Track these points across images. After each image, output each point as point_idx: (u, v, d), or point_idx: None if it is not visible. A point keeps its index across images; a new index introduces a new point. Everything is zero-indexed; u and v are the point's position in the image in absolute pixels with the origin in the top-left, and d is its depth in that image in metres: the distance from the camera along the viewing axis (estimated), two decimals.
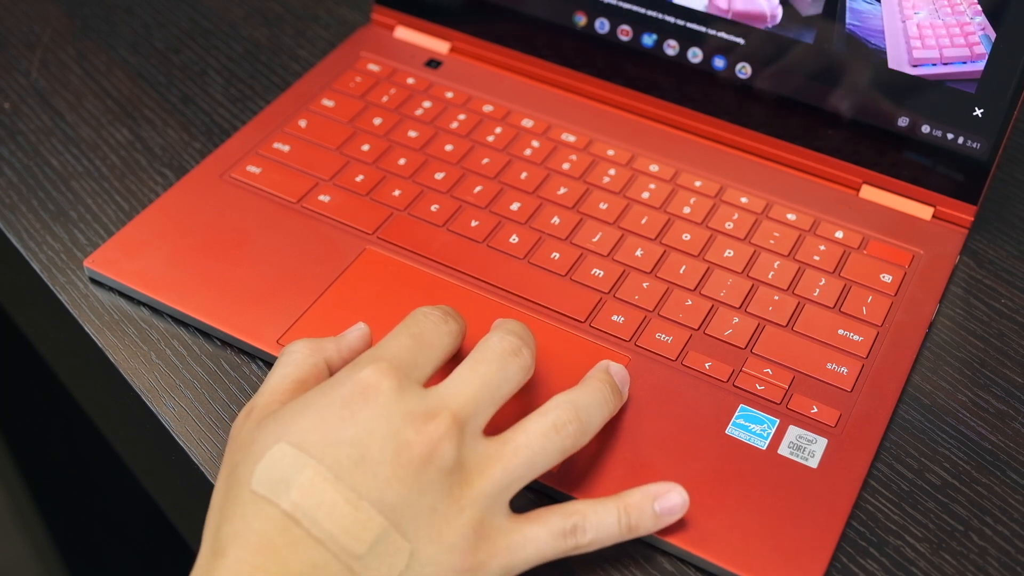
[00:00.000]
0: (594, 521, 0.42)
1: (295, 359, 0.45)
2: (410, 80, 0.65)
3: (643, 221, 0.57)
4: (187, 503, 0.43)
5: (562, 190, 0.58)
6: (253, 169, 0.59)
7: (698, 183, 0.59)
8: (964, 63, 0.54)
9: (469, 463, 0.40)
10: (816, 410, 0.48)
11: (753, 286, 0.54)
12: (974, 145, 0.55)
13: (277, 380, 0.44)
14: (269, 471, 0.39)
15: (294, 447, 0.39)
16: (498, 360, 0.42)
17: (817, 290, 0.53)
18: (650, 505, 0.43)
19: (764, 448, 0.47)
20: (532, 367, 0.44)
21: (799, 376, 0.50)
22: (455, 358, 0.46)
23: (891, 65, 0.55)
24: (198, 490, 0.48)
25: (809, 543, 0.44)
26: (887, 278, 0.54)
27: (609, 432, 0.47)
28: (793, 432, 0.47)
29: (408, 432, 0.39)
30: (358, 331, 0.47)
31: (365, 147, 0.60)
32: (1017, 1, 0.51)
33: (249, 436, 0.41)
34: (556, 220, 0.57)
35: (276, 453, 0.39)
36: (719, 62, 0.60)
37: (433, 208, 0.57)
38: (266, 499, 0.38)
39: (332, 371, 0.45)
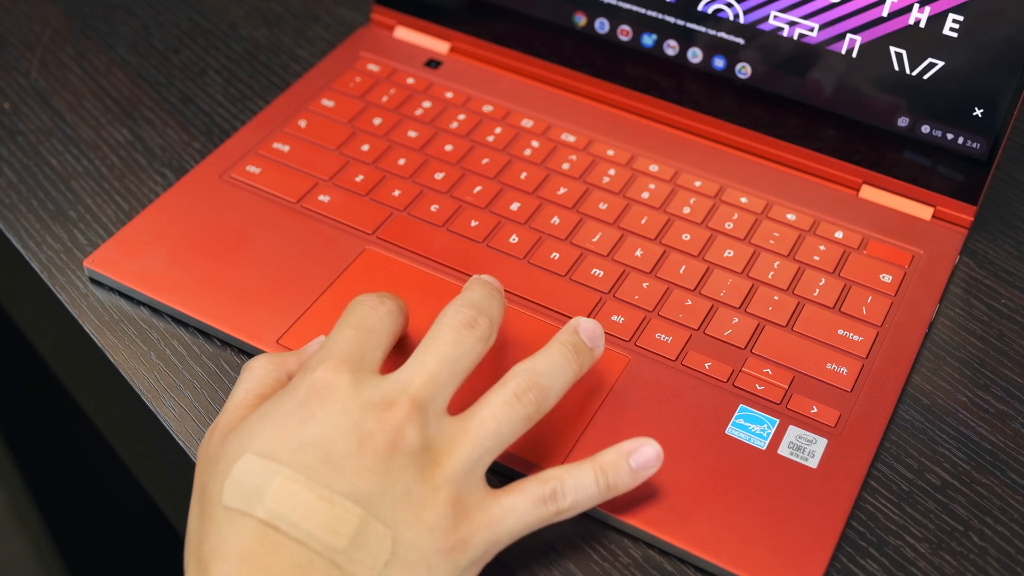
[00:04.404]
0: (572, 484, 0.42)
1: (257, 375, 0.45)
2: (410, 80, 0.65)
3: (643, 221, 0.57)
4: (187, 503, 0.43)
5: (562, 190, 0.58)
6: (253, 169, 0.59)
7: (698, 183, 0.59)
8: None
9: (436, 443, 0.40)
10: (816, 410, 0.48)
11: (753, 286, 0.54)
12: (974, 145, 0.55)
13: (240, 396, 0.44)
14: (239, 484, 0.39)
15: (260, 457, 0.39)
16: (453, 335, 0.42)
17: (817, 290, 0.53)
18: (625, 462, 0.43)
19: (764, 448, 0.47)
20: (491, 336, 0.43)
21: (799, 376, 0.50)
22: (408, 342, 0.46)
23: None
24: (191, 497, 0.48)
25: (809, 543, 0.44)
26: (887, 278, 0.54)
27: (608, 431, 0.47)
28: (793, 432, 0.47)
29: (369, 422, 0.40)
30: (318, 344, 0.47)
31: (365, 147, 0.60)
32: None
33: (215, 453, 0.41)
34: (556, 220, 0.57)
35: (243, 465, 0.39)
36: (719, 62, 0.60)
37: (433, 208, 0.57)
38: (240, 512, 0.38)
39: None
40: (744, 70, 0.59)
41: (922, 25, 0.54)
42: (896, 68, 0.55)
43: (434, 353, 0.42)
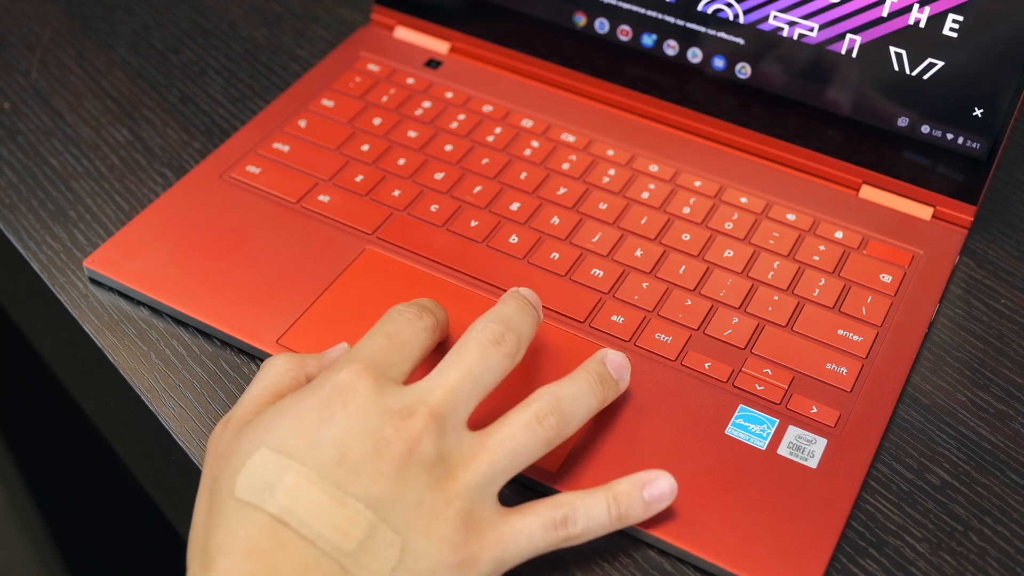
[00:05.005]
0: (584, 512, 0.42)
1: (275, 372, 0.44)
2: (410, 80, 0.65)
3: (643, 221, 0.57)
4: (187, 503, 0.43)
5: (562, 190, 0.58)
6: (253, 169, 0.59)
7: (698, 183, 0.59)
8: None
9: (452, 456, 0.40)
10: (816, 410, 0.48)
11: (753, 286, 0.54)
12: (974, 145, 0.55)
13: (257, 392, 0.44)
14: (252, 477, 0.39)
15: (275, 452, 0.39)
16: (479, 350, 0.42)
17: (817, 290, 0.53)
18: (639, 493, 0.43)
19: (764, 448, 0.47)
20: (519, 353, 0.43)
21: (799, 376, 0.50)
22: (441, 349, 0.45)
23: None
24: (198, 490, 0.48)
25: (808, 543, 0.44)
26: (887, 278, 0.54)
27: (608, 432, 0.47)
28: (793, 432, 0.47)
29: (387, 429, 0.40)
30: (340, 350, 0.47)
31: (365, 147, 0.60)
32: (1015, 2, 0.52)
33: (228, 447, 0.41)
34: (556, 220, 0.57)
35: (257, 459, 0.39)
36: (719, 62, 0.60)
37: (433, 208, 0.57)
38: (251, 505, 0.38)
39: None
40: (744, 70, 0.59)
41: (922, 25, 0.54)
42: (896, 68, 0.55)
43: (458, 367, 0.42)
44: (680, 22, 0.60)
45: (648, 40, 0.61)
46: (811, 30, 0.57)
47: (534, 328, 0.45)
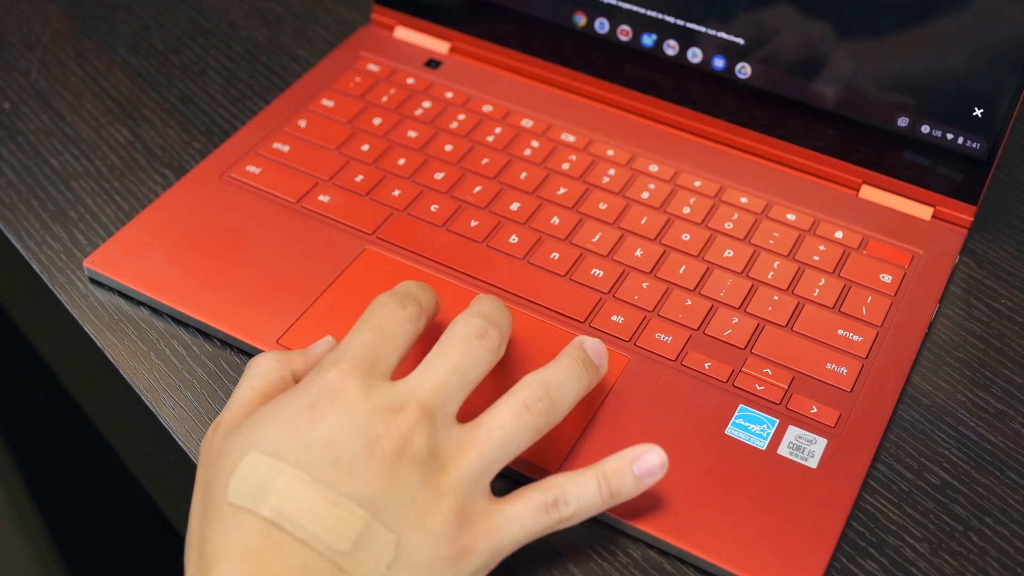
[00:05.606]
0: (574, 492, 0.42)
1: (262, 371, 0.44)
2: (410, 80, 0.65)
3: (643, 221, 0.57)
4: (187, 503, 0.43)
5: (562, 190, 0.58)
6: (253, 169, 0.59)
7: (698, 183, 0.59)
8: None
9: (443, 450, 0.40)
10: (816, 410, 0.48)
11: (753, 286, 0.54)
12: (974, 145, 0.55)
13: (244, 393, 0.44)
14: (244, 481, 0.39)
15: (266, 455, 0.39)
16: (464, 345, 0.42)
17: (817, 290, 0.53)
18: (629, 469, 0.43)
19: (764, 448, 0.47)
20: (501, 347, 0.43)
21: (799, 376, 0.50)
22: (429, 338, 0.45)
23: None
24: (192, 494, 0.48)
25: (808, 543, 0.44)
26: (887, 278, 0.54)
27: (608, 431, 0.47)
28: (793, 432, 0.47)
29: (378, 427, 0.40)
30: (325, 345, 0.47)
31: (365, 147, 0.60)
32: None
33: (219, 451, 0.41)
34: (556, 220, 0.57)
35: (249, 463, 0.39)
36: (719, 62, 0.60)
37: (433, 208, 0.57)
38: (245, 509, 0.38)
39: None
40: (744, 70, 0.59)
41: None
42: (896, 67, 0.55)
43: (445, 361, 0.42)
44: (680, 22, 0.60)
45: (648, 40, 0.61)
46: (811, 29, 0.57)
47: (511, 324, 0.45)
